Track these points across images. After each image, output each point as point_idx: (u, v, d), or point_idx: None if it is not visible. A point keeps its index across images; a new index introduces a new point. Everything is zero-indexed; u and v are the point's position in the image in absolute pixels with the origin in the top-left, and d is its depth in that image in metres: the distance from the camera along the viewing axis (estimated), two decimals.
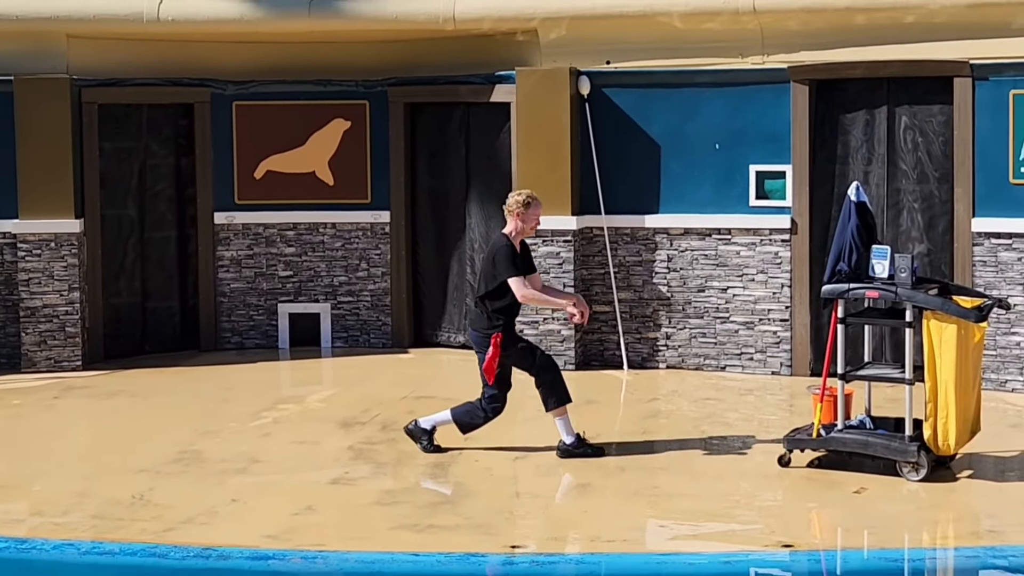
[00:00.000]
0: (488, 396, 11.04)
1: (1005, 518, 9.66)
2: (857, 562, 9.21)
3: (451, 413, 11.22)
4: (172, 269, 15.67)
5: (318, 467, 10.98)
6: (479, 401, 11.11)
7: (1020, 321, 13.08)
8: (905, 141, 13.68)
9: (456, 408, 11.24)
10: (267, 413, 12.78)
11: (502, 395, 11.06)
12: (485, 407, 11.08)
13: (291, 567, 9.04)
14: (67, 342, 14.67)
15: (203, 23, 14.89)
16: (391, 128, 15.47)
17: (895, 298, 10.39)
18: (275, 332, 15.66)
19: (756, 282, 14.09)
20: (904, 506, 9.95)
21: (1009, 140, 13.08)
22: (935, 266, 13.54)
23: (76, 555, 9.23)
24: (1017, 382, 13.12)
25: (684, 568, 9.01)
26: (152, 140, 15.50)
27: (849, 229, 10.69)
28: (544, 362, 11.07)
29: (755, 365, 14.11)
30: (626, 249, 14.48)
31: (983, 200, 13.24)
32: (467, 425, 11.19)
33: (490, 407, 11.07)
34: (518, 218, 11.01)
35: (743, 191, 14.11)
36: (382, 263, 15.58)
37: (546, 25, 14.49)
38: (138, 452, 11.49)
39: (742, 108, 14.07)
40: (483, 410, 11.09)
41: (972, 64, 13.19)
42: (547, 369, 11.05)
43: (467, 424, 11.19)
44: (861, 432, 10.63)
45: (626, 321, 14.49)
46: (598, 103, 14.47)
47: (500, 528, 9.57)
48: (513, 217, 11.03)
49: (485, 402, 11.07)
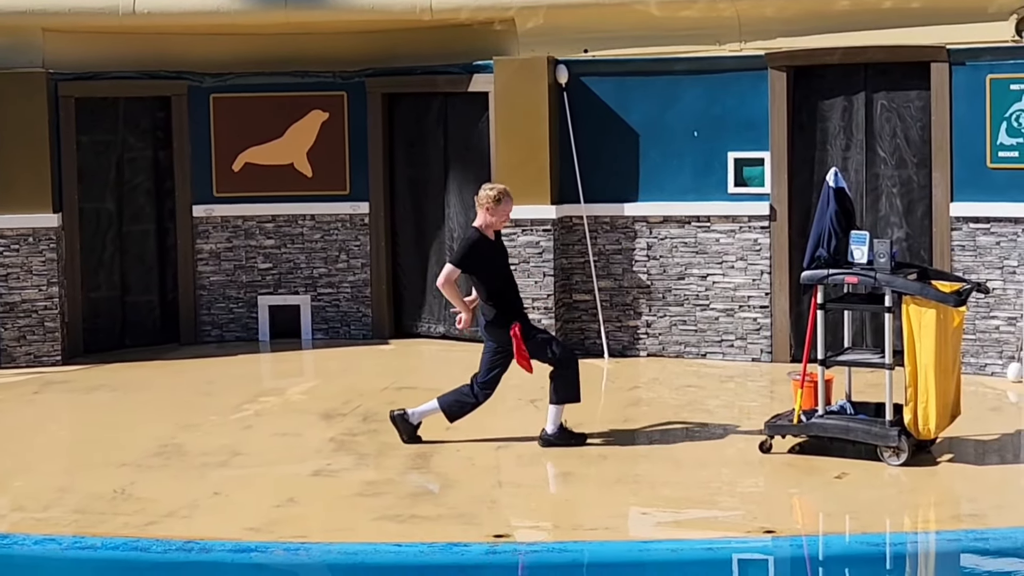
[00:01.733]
0: (482, 382, 11.07)
1: (985, 501, 9.70)
2: (839, 547, 9.24)
3: (439, 403, 11.24)
4: (151, 263, 15.64)
5: (300, 459, 10.97)
6: (470, 387, 11.14)
7: (999, 305, 13.12)
8: (883, 127, 13.71)
9: (444, 397, 11.25)
10: (248, 406, 12.76)
11: (496, 381, 11.09)
12: (477, 392, 11.11)
13: (274, 559, 9.04)
14: (46, 337, 14.63)
15: (179, 16, 14.85)
16: (369, 119, 15.45)
17: (874, 283, 10.40)
18: (255, 325, 15.65)
19: (736, 269, 14.11)
20: (885, 491, 9.98)
21: (986, 124, 13.10)
22: (914, 251, 13.57)
23: (58, 550, 9.21)
24: (996, 366, 13.16)
25: (667, 555, 9.03)
26: (130, 133, 15.46)
27: (828, 215, 10.71)
28: (566, 355, 11.09)
29: (735, 352, 14.14)
30: (606, 238, 14.49)
31: (961, 185, 13.28)
32: (456, 414, 11.22)
33: (483, 392, 11.11)
34: (488, 212, 11.07)
35: (722, 178, 14.13)
36: (361, 254, 15.57)
37: (523, 14, 14.49)
38: (119, 446, 11.46)
39: (720, 96, 14.08)
40: (474, 395, 11.12)
41: (949, 49, 13.21)
42: (567, 363, 11.05)
43: (457, 413, 11.21)
44: (842, 418, 10.65)
45: (606, 310, 14.50)
46: (576, 92, 14.47)
47: (482, 518, 9.57)
48: (483, 210, 11.09)
49: (478, 387, 11.10)
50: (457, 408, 11.20)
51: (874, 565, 9.03)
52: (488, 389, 11.13)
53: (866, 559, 9.02)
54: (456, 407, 11.20)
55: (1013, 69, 12.97)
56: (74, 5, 14.72)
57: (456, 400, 11.20)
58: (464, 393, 11.17)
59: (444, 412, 11.22)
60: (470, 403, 11.18)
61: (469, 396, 11.16)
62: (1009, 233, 13.06)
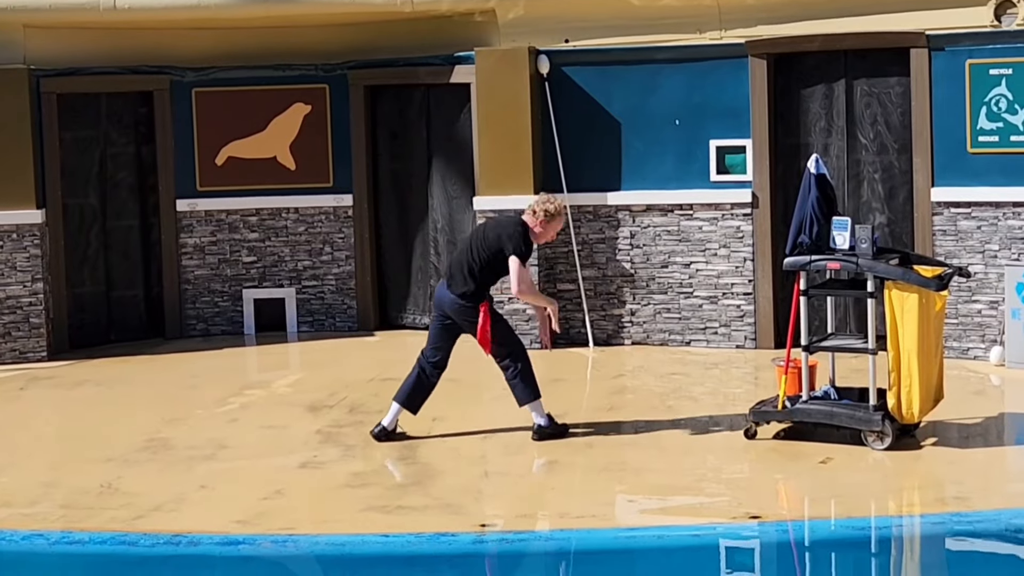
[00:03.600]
0: (431, 355, 10.83)
1: (969, 484, 9.75)
2: (824, 531, 9.28)
3: (396, 402, 10.99)
4: (136, 257, 15.63)
5: (286, 451, 10.99)
6: (420, 368, 10.87)
7: (981, 289, 13.17)
8: (864, 113, 13.75)
9: (398, 394, 10.97)
10: (234, 399, 12.77)
11: (446, 354, 10.91)
12: (430, 372, 10.87)
13: (261, 551, 9.05)
14: (32, 333, 14.63)
15: (160, 10, 14.83)
16: (351, 111, 15.46)
17: (856, 269, 10.44)
18: (240, 318, 15.65)
19: (719, 257, 14.14)
20: (870, 475, 10.03)
21: (966, 110, 13.15)
22: (896, 236, 13.61)
23: (46, 545, 9.22)
24: (979, 349, 13.22)
25: (653, 542, 9.06)
26: (112, 129, 15.45)
27: (810, 201, 10.73)
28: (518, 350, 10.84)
29: (720, 339, 14.18)
30: (589, 227, 14.51)
31: (942, 170, 13.32)
32: (418, 403, 10.97)
33: (435, 370, 10.87)
34: (540, 224, 10.75)
35: (704, 166, 14.16)
36: (346, 247, 15.58)
37: (504, 5, 14.50)
38: (106, 441, 11.47)
39: (701, 84, 14.11)
40: (428, 374, 10.87)
41: (928, 35, 13.25)
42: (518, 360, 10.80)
43: (418, 403, 10.97)
44: (826, 403, 10.69)
45: (591, 299, 14.53)
46: (558, 82, 14.49)
47: (469, 507, 9.60)
48: (533, 217, 10.77)
49: (429, 367, 10.86)
50: (417, 398, 10.91)
51: (860, 549, 9.07)
52: (438, 358, 10.87)
53: (851, 543, 9.06)
54: (415, 396, 10.90)
55: (992, 54, 13.02)
56: (55, 1, 14.69)
57: (412, 389, 10.88)
58: (418, 377, 10.87)
59: (406, 408, 10.95)
60: (427, 384, 10.90)
61: (424, 378, 10.86)
62: (990, 217, 13.11)
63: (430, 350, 10.93)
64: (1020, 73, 12.91)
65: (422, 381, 10.94)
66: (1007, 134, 13.01)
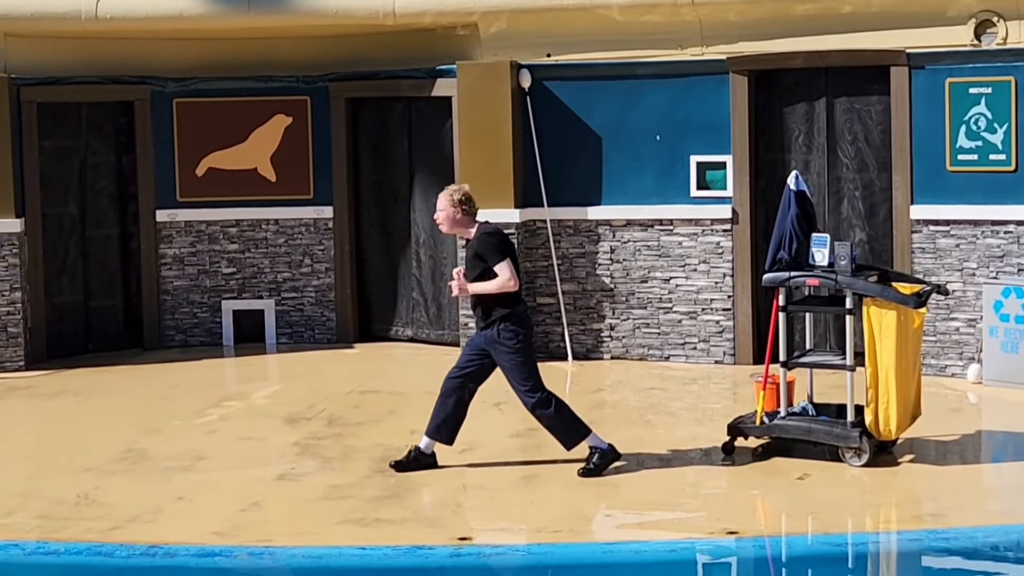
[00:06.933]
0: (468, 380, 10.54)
1: (946, 501, 9.77)
2: (802, 547, 9.29)
3: (427, 436, 10.59)
4: (115, 267, 15.60)
5: (264, 463, 10.97)
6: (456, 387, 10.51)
7: (959, 307, 13.21)
8: (844, 130, 13.79)
9: (429, 427, 10.56)
10: (212, 410, 12.75)
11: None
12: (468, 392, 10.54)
13: (238, 563, 9.03)
14: (9, 342, 14.58)
15: (142, 20, 14.82)
16: (333, 123, 15.46)
17: (835, 285, 10.47)
18: (219, 329, 15.62)
19: (698, 272, 14.17)
20: (847, 491, 10.04)
21: (946, 128, 13.20)
22: (875, 253, 13.65)
23: (21, 555, 9.18)
24: (956, 367, 13.25)
25: (631, 556, 9.06)
26: (92, 138, 15.42)
27: (789, 218, 10.75)
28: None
29: (698, 354, 14.19)
30: (569, 241, 14.53)
31: (921, 187, 13.37)
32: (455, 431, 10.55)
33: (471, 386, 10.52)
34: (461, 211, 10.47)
35: (684, 182, 14.19)
36: (326, 259, 15.57)
37: (486, 19, 14.52)
38: (83, 451, 11.44)
39: (682, 99, 14.14)
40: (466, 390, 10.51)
41: (909, 53, 13.30)
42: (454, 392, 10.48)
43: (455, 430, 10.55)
44: (804, 419, 10.70)
45: (570, 313, 14.54)
46: (539, 96, 14.51)
47: (447, 520, 9.59)
48: (459, 210, 10.47)
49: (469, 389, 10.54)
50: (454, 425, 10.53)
51: (837, 565, 9.09)
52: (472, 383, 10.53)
53: (829, 559, 9.08)
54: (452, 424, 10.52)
55: (972, 73, 13.07)
56: (36, 10, 14.69)
57: (444, 420, 10.50)
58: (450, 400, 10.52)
59: (445, 442, 10.59)
60: (465, 403, 10.56)
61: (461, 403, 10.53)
62: (968, 235, 13.16)
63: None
64: (999, 92, 12.97)
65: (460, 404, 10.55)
66: (986, 153, 13.07)
